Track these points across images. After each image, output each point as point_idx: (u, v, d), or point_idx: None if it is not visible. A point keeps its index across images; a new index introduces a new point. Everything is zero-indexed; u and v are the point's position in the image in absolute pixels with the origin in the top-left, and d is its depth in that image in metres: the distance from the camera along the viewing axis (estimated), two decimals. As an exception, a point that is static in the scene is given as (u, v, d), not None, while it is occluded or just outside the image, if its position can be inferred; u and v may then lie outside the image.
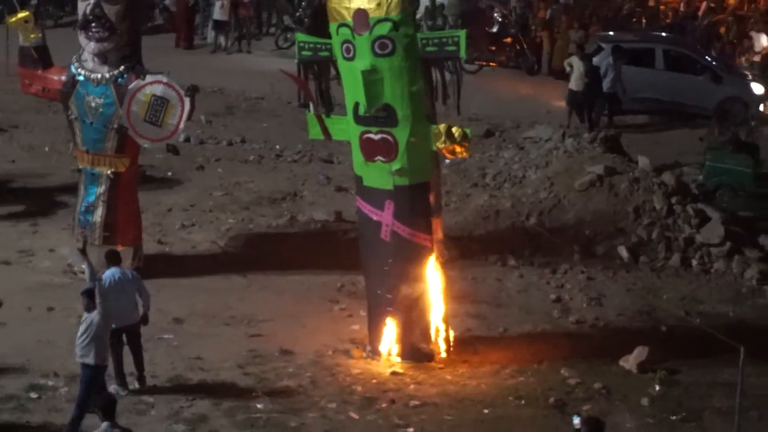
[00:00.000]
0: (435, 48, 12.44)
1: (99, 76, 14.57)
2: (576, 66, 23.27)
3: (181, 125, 14.60)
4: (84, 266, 12.28)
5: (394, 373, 12.79)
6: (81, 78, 14.66)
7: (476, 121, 22.52)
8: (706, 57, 25.77)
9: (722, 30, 28.72)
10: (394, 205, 12.74)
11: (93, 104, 14.63)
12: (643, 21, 29.48)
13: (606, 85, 23.49)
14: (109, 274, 11.91)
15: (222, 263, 15.82)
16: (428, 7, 28.90)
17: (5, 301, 12.82)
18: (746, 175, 19.22)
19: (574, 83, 23.26)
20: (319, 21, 19.22)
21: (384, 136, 12.53)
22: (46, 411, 11.58)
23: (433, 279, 13.05)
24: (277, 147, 21.30)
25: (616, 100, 23.91)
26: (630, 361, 13.26)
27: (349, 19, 12.28)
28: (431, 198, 13.02)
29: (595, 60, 23.74)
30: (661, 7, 31.47)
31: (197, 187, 18.92)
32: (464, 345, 13.59)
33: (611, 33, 27.48)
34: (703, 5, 30.20)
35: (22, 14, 15.16)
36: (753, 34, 27.78)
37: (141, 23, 15.82)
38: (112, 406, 9.51)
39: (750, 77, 25.48)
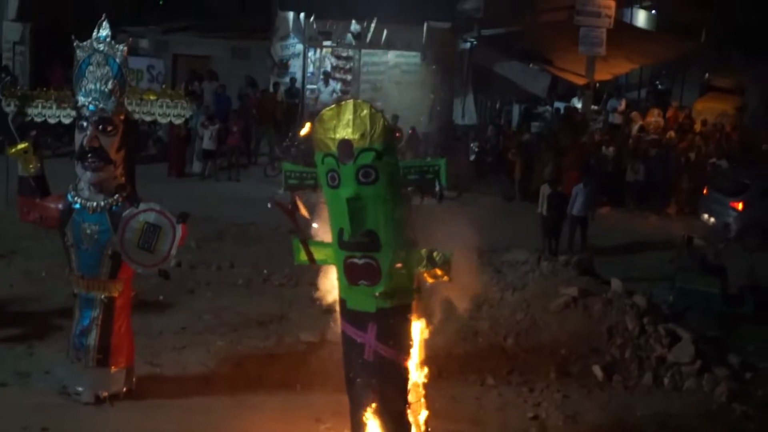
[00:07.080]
0: (417, 176, 12.82)
1: (95, 204, 14.91)
2: (545, 193, 23.90)
3: (173, 251, 14.82)
4: None
5: (378, 489, 12.79)
6: (77, 206, 14.98)
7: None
8: None
9: (691, 155, 29.49)
10: (377, 327, 12.92)
11: (89, 231, 14.95)
12: (611, 149, 30.07)
13: (576, 209, 24.06)
14: None
15: (211, 384, 16.02)
16: (411, 136, 29.89)
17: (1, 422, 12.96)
18: (714, 297, 19.67)
19: (545, 210, 23.79)
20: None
21: (367, 260, 12.69)
22: None
23: (414, 397, 13.18)
24: (265, 271, 21.52)
25: (585, 224, 24.36)
26: (605, 476, 13.46)
27: (333, 149, 12.48)
28: (413, 319, 13.17)
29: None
30: (637, 135, 32.14)
31: (187, 310, 19.20)
32: (445, 461, 13.77)
33: (758, 168, 27.56)
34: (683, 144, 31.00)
35: (21, 145, 15.34)
36: (716, 161, 28.54)
37: (135, 153, 16.09)
38: None
39: None
